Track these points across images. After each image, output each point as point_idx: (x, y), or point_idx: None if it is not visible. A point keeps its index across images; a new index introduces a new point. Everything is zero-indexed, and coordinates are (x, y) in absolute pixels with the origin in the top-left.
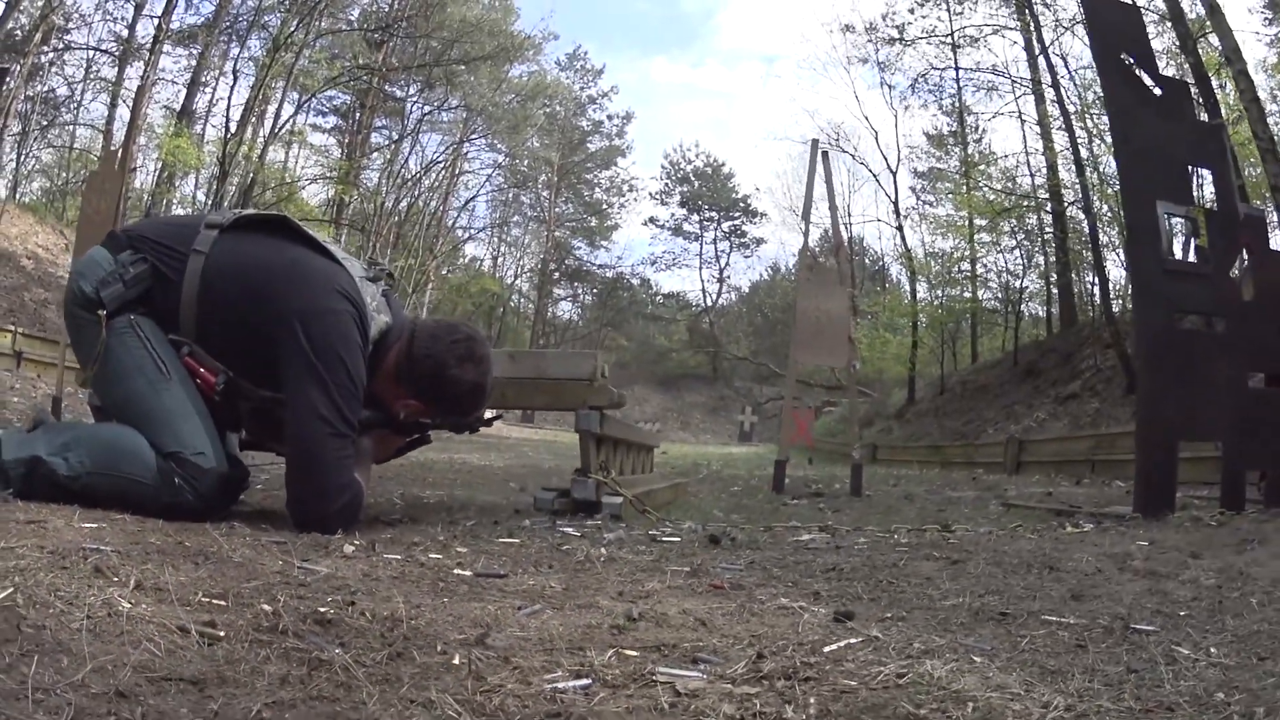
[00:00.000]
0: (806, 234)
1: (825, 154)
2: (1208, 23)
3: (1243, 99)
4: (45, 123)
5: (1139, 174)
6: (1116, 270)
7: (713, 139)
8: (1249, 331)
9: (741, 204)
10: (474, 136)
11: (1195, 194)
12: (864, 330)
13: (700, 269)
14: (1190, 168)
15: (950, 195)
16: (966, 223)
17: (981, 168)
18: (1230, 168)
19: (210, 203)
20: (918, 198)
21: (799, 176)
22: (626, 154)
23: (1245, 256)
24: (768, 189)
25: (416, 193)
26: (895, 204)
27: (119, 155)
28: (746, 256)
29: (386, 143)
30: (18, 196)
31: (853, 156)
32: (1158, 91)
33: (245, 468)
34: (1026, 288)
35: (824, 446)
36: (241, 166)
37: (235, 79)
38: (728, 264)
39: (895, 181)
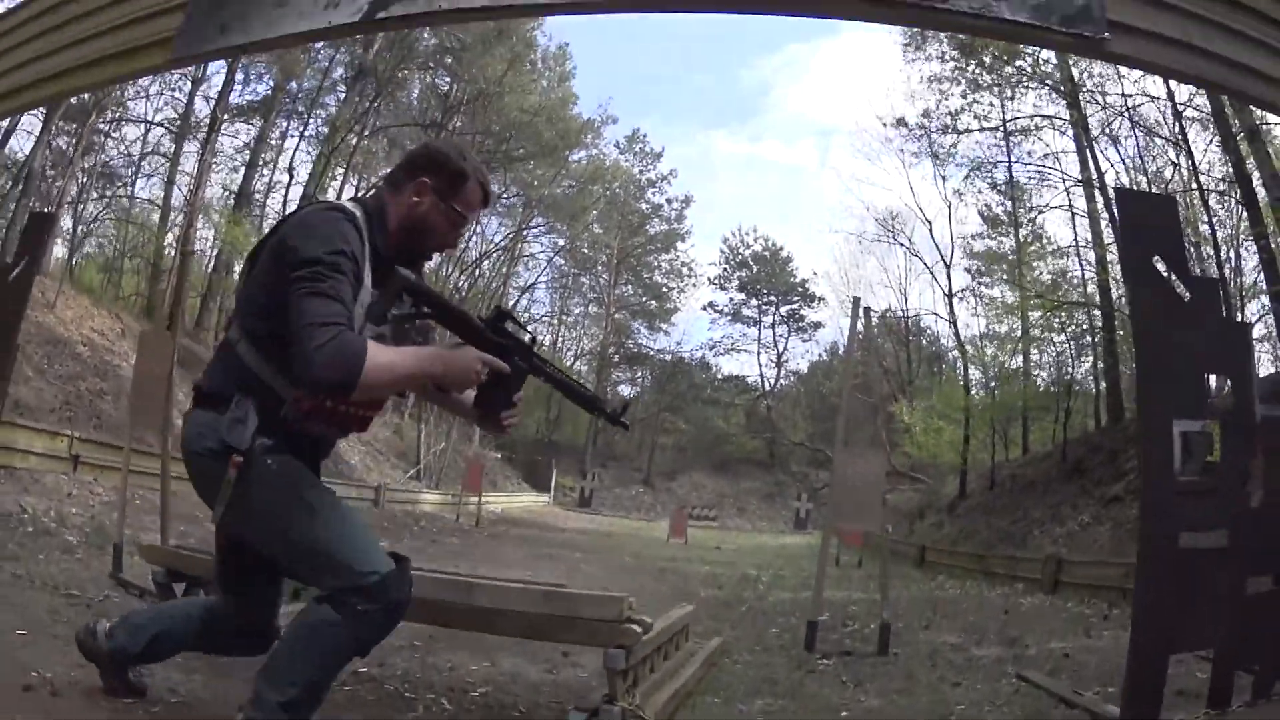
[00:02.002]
0: (845, 398)
1: (868, 309)
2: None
3: None
4: (100, 195)
5: (1157, 393)
6: None
7: (771, 216)
8: (1255, 539)
9: (800, 288)
10: (533, 224)
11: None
12: (919, 416)
13: (758, 353)
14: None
15: (1004, 280)
16: (1019, 314)
17: (1032, 259)
18: (1252, 368)
19: None
20: (974, 278)
21: (856, 260)
22: (686, 238)
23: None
24: (825, 273)
25: (476, 274)
26: (949, 297)
27: (166, 322)
28: (805, 340)
29: None
30: (73, 273)
31: (907, 248)
32: (1186, 294)
33: (401, 555)
34: (1077, 381)
35: (874, 543)
36: None
37: (291, 175)
38: (786, 348)
39: (949, 274)
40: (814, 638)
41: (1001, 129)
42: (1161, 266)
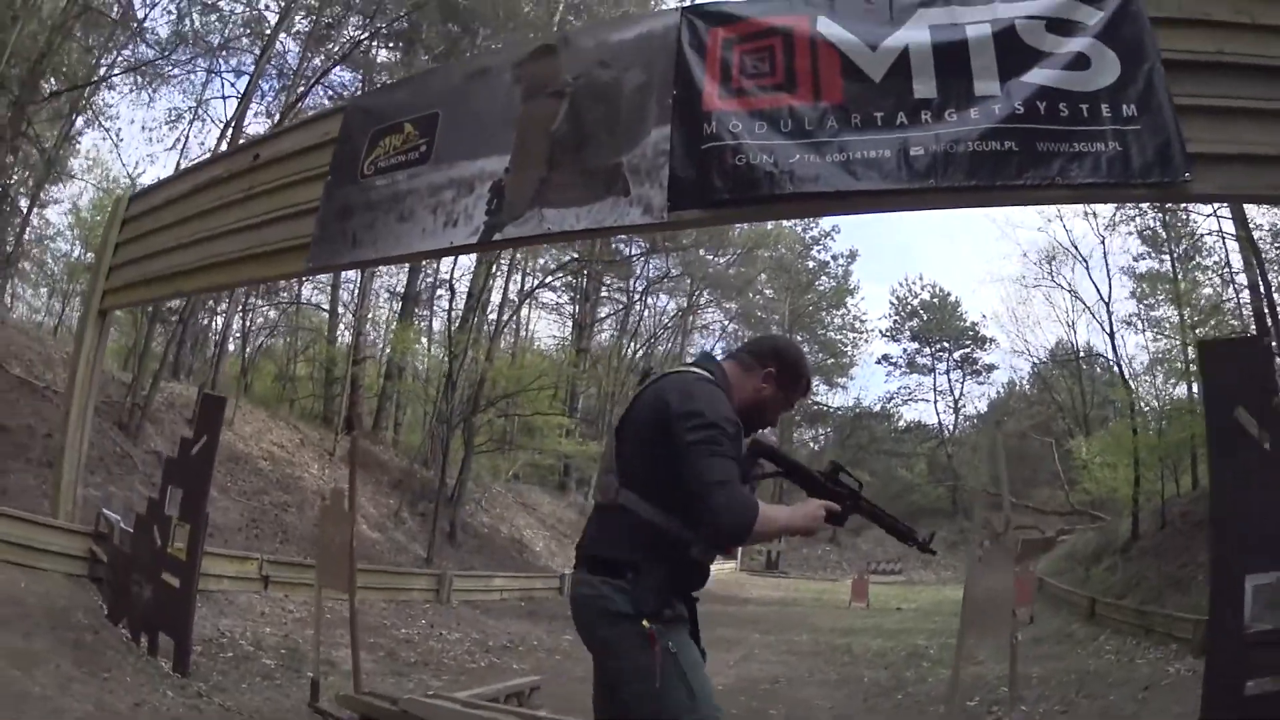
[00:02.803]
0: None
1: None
2: None
3: None
4: (266, 303)
5: (1231, 549)
6: None
7: (935, 259)
8: None
9: (970, 331)
10: (702, 300)
11: None
12: (1096, 449)
13: (935, 401)
14: None
15: (1167, 299)
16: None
17: (1190, 277)
18: None
19: (439, 401)
20: (1138, 301)
21: (1024, 298)
22: (855, 292)
23: None
24: (993, 314)
25: (652, 345)
26: (1110, 334)
27: (345, 496)
28: (980, 384)
29: (617, 309)
30: (247, 388)
31: (1065, 289)
32: (1267, 445)
33: None
34: None
35: (1049, 591)
36: (468, 359)
37: (453, 290)
38: (962, 393)
39: (1109, 311)
40: None
41: None
42: (1245, 417)
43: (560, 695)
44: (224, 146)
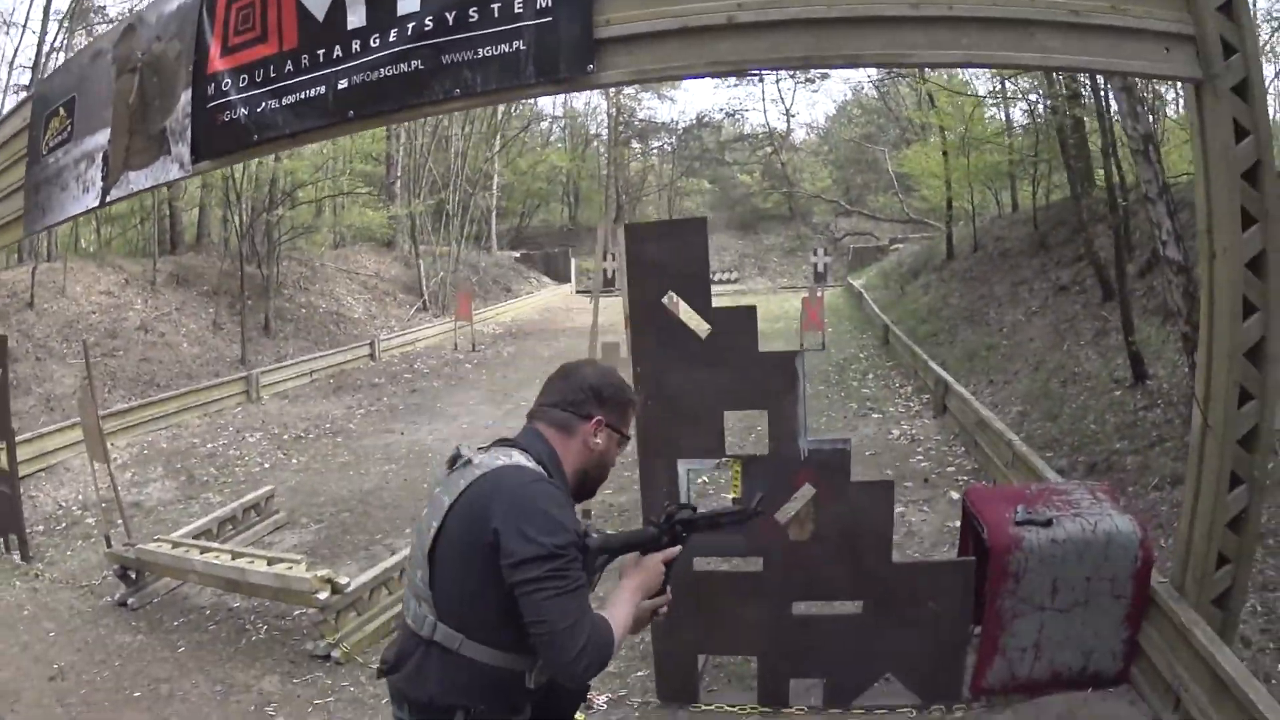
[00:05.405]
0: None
1: None
2: None
3: None
4: None
5: (669, 429)
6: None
7: None
8: (794, 568)
9: None
10: None
11: None
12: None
13: (764, 112)
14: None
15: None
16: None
17: None
18: (795, 401)
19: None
20: None
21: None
22: None
23: None
24: None
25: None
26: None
27: (88, 386)
28: (813, 92)
29: None
30: (76, 245)
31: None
32: (704, 330)
33: None
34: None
35: (867, 311)
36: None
37: None
38: (793, 102)
39: None
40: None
41: None
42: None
43: (306, 489)
44: None
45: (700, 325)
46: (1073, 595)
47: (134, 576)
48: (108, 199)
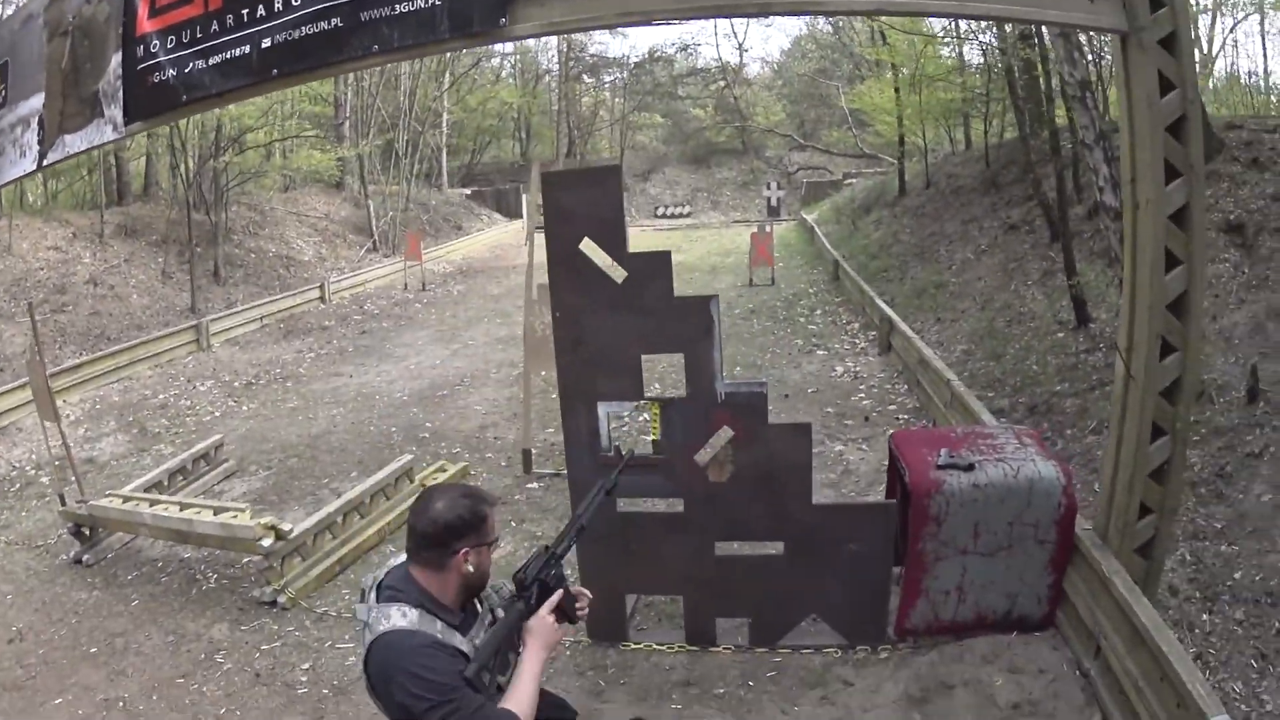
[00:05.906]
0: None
1: None
2: None
3: None
4: None
5: (580, 377)
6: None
7: None
8: (716, 509)
9: None
10: None
11: None
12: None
13: (717, 46)
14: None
15: None
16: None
17: None
18: (710, 345)
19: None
20: None
21: None
22: None
23: None
24: None
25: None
26: None
27: (36, 348)
28: (765, 26)
29: None
30: (22, 201)
31: None
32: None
33: None
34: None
35: (818, 246)
36: None
37: None
38: (745, 35)
39: None
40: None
41: None
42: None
43: (256, 436)
44: None
45: (616, 271)
46: (995, 540)
47: (88, 533)
48: (44, 163)
